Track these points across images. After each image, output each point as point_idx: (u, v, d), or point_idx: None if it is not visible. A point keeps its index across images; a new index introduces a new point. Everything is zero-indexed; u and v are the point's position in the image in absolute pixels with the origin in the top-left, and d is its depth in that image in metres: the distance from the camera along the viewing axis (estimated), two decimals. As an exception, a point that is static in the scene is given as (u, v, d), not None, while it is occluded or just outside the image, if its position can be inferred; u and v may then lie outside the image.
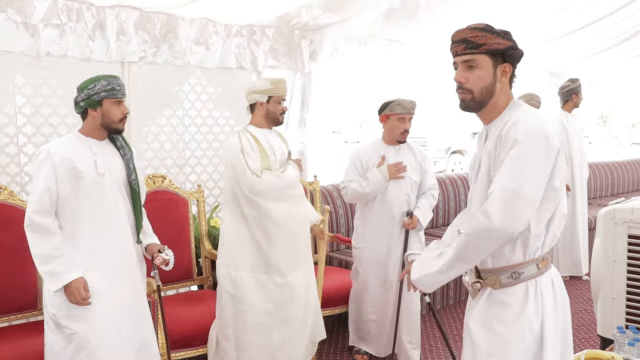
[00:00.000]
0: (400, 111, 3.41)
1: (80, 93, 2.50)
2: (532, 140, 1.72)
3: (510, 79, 1.88)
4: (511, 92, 1.91)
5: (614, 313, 3.17)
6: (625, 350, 2.52)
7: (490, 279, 1.88)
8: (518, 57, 1.86)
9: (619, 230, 3.12)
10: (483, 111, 1.89)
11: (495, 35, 1.82)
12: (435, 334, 4.13)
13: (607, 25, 5.20)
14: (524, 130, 1.72)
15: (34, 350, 2.73)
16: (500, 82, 1.85)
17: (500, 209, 1.69)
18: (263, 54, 4.31)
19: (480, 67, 1.83)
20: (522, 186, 1.69)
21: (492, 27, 1.85)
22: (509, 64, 1.85)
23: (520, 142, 1.71)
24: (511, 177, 1.70)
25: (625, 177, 7.94)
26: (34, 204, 2.40)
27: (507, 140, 1.74)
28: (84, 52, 3.44)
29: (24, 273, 3.11)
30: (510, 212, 1.69)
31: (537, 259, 1.84)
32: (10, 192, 3.14)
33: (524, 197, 1.69)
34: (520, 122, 1.74)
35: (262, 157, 2.95)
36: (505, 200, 1.70)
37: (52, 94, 3.44)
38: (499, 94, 1.86)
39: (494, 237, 1.74)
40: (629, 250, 3.11)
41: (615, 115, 15.44)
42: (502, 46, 1.82)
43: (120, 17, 3.52)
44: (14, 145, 3.36)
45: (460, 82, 1.86)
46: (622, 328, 2.61)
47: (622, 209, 3.13)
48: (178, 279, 3.63)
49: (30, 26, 3.22)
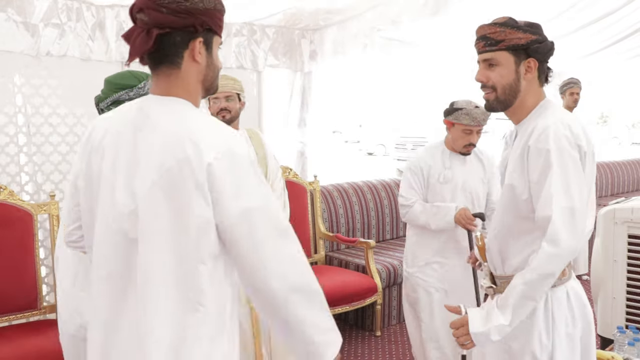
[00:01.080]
0: (467, 122, 2.84)
1: (126, 92, 2.36)
2: (565, 150, 1.64)
3: (540, 76, 1.78)
4: (542, 90, 1.81)
5: (614, 313, 3.17)
6: (625, 350, 2.52)
7: (504, 286, 1.78)
8: (545, 51, 1.74)
9: (619, 230, 3.13)
10: (509, 111, 1.81)
11: (516, 30, 1.73)
12: None
13: (606, 24, 5.20)
14: (555, 140, 1.64)
15: (34, 350, 2.73)
16: (526, 79, 1.75)
17: (564, 231, 1.60)
18: (263, 53, 4.31)
19: (501, 64, 1.74)
20: (573, 201, 1.62)
21: (514, 21, 1.75)
22: (534, 59, 1.73)
23: (554, 155, 1.64)
24: (562, 195, 1.62)
25: (625, 177, 7.94)
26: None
27: (538, 152, 1.67)
28: (83, 52, 3.44)
29: (24, 273, 3.11)
30: (572, 230, 1.61)
31: None
32: (10, 192, 3.14)
33: (577, 211, 1.62)
34: (550, 131, 1.66)
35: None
36: (566, 220, 1.61)
37: (52, 93, 3.44)
38: (525, 92, 1.77)
39: (564, 260, 1.64)
40: (629, 250, 3.11)
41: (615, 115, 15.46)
42: (524, 41, 1.71)
43: (120, 17, 3.52)
44: (14, 145, 3.36)
45: (481, 81, 1.79)
46: (622, 328, 2.61)
47: (622, 209, 3.14)
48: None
49: (30, 26, 3.22)
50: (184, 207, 1.28)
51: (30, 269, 3.14)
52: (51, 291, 3.34)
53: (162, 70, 1.36)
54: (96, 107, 2.50)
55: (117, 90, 2.37)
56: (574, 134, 1.66)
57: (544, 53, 1.74)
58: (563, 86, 5.35)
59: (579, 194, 1.64)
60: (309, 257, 4.29)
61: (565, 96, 5.31)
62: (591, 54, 5.96)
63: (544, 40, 1.74)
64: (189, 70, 1.36)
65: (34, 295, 3.14)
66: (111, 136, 1.40)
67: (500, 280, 1.83)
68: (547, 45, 1.74)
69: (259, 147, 2.95)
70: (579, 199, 1.63)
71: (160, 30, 1.30)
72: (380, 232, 4.98)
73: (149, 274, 1.29)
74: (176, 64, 1.35)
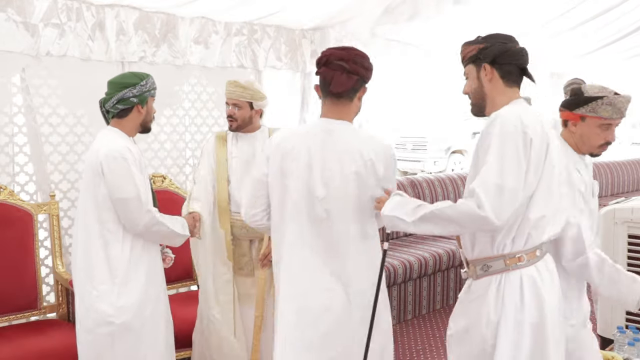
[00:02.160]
0: (609, 115, 2.21)
1: (130, 89, 2.43)
2: (508, 134, 1.79)
3: (505, 77, 1.94)
4: (513, 89, 1.95)
5: (614, 313, 3.17)
6: (625, 350, 2.52)
7: (471, 269, 1.97)
8: (495, 54, 1.92)
9: (619, 230, 3.13)
10: (487, 112, 1.98)
11: (470, 45, 1.99)
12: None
13: (605, 22, 5.20)
14: (501, 125, 1.81)
15: (34, 350, 2.74)
16: (489, 82, 1.95)
17: (488, 203, 1.74)
18: (264, 53, 4.31)
19: (469, 75, 2.01)
20: (504, 180, 1.75)
21: (473, 39, 2.00)
22: (488, 64, 1.93)
23: (497, 138, 1.79)
24: (495, 172, 1.76)
25: (626, 177, 7.94)
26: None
27: (486, 135, 1.84)
28: (83, 52, 3.44)
29: (24, 273, 3.11)
30: (496, 205, 1.74)
31: (506, 255, 1.87)
32: (10, 191, 3.15)
33: (507, 190, 1.75)
34: (498, 118, 1.83)
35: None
36: (491, 195, 1.74)
37: (52, 93, 3.43)
38: (492, 93, 1.95)
39: (476, 223, 1.79)
40: (629, 250, 3.12)
41: (615, 115, 15.49)
42: (475, 51, 1.96)
43: (120, 17, 3.52)
44: (14, 145, 3.36)
45: (464, 93, 2.07)
46: (622, 328, 2.62)
47: (622, 209, 3.14)
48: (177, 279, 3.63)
49: (30, 26, 3.22)
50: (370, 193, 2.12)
51: (30, 269, 3.14)
52: (51, 291, 3.34)
53: (341, 102, 2.12)
54: (101, 109, 2.53)
55: (122, 89, 2.44)
56: (523, 123, 1.80)
57: (494, 56, 1.92)
58: (567, 86, 5.31)
59: (514, 176, 1.76)
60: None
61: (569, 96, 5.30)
62: (591, 53, 5.97)
63: (492, 45, 1.93)
64: (357, 105, 2.18)
65: (34, 295, 3.14)
66: (300, 146, 2.10)
67: (471, 264, 1.97)
68: (494, 48, 1.92)
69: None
70: (513, 180, 1.75)
71: (356, 77, 2.09)
72: (380, 232, 4.97)
73: (341, 241, 2.10)
74: (350, 99, 2.13)
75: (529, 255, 1.88)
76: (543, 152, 1.84)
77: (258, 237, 2.98)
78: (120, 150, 2.37)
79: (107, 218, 2.39)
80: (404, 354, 3.84)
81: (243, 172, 2.92)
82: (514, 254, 1.87)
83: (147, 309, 2.46)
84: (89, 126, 3.51)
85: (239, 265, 3.00)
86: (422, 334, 4.15)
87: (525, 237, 1.87)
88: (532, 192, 1.83)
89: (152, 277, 2.51)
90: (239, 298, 2.99)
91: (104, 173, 2.36)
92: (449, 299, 4.76)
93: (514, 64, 1.94)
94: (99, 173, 2.37)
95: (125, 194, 2.35)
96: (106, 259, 2.38)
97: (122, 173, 2.36)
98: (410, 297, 4.43)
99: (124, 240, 2.41)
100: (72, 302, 3.11)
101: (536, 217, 1.85)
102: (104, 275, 2.38)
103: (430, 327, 4.29)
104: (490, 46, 1.93)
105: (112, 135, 2.46)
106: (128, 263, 2.41)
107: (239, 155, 2.98)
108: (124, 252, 2.40)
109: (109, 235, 2.39)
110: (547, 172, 1.85)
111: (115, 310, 2.38)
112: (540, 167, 1.83)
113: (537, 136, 1.81)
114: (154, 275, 2.52)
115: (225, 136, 3.04)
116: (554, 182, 1.88)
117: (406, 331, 4.22)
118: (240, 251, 3.01)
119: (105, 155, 2.36)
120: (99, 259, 2.39)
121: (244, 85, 2.93)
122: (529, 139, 1.79)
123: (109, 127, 2.52)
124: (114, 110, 2.46)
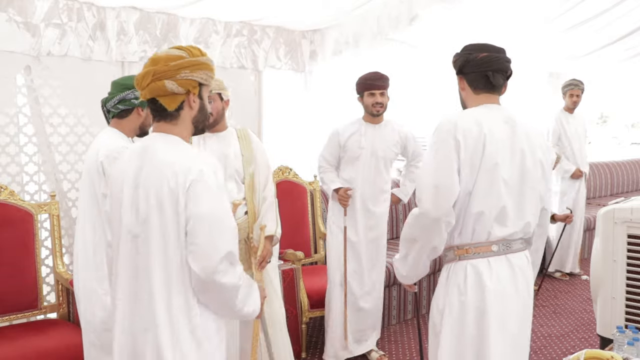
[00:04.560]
0: None
1: (132, 91, 2.45)
2: (440, 135, 1.99)
3: (472, 84, 2.10)
4: (481, 95, 2.10)
5: (614, 313, 3.17)
6: (624, 349, 2.52)
7: (445, 253, 2.13)
8: (460, 65, 2.10)
9: (619, 230, 3.13)
10: None
11: (453, 60, 2.16)
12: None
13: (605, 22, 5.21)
14: (436, 130, 2.02)
15: (35, 350, 2.74)
16: (462, 91, 2.16)
17: (424, 198, 1.97)
18: (264, 53, 4.31)
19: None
20: (436, 178, 1.96)
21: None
22: (460, 76, 2.14)
23: (432, 137, 2.02)
24: (428, 170, 2.00)
25: (625, 177, 7.95)
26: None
27: (430, 138, 2.08)
28: (84, 52, 3.44)
29: (24, 273, 3.12)
30: (430, 200, 1.95)
31: (454, 246, 2.06)
32: (10, 192, 3.15)
33: (438, 187, 1.95)
34: (438, 124, 2.03)
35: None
36: (426, 190, 1.97)
37: (53, 93, 3.44)
38: (467, 101, 2.15)
39: (421, 220, 2.00)
40: (628, 250, 3.12)
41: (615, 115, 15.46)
42: (454, 64, 2.15)
43: (120, 17, 3.53)
44: (15, 145, 3.36)
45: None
46: (622, 328, 2.61)
47: (622, 209, 3.14)
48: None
49: (31, 26, 3.23)
50: None
51: (31, 268, 3.15)
52: (52, 291, 3.34)
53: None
54: (102, 108, 2.55)
55: (123, 90, 2.48)
56: (456, 127, 1.97)
57: (460, 67, 2.11)
58: (564, 87, 5.37)
59: (442, 175, 1.96)
60: (309, 257, 4.30)
61: (565, 97, 5.33)
62: (590, 53, 5.97)
63: (459, 57, 2.12)
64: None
65: (35, 295, 3.15)
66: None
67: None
68: (460, 60, 2.10)
69: (246, 148, 2.93)
70: (442, 179, 1.96)
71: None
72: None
73: None
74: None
75: (478, 248, 2.02)
76: (478, 153, 1.96)
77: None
78: (120, 150, 2.38)
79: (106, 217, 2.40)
80: (404, 354, 3.84)
81: None
82: (463, 246, 2.04)
83: None
84: (90, 126, 3.52)
85: None
86: (422, 334, 4.15)
87: (470, 231, 2.03)
88: (470, 189, 1.98)
89: None
90: None
91: (106, 173, 2.36)
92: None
93: (477, 72, 2.06)
94: (100, 172, 2.37)
95: None
96: (107, 257, 2.39)
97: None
98: (410, 297, 4.44)
99: None
100: (72, 302, 3.12)
101: (476, 211, 1.99)
102: (105, 273, 2.39)
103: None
104: (458, 58, 2.11)
105: (112, 136, 2.47)
106: None
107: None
108: None
109: (109, 233, 2.40)
110: (484, 170, 1.97)
111: None
112: (476, 166, 1.96)
113: (471, 138, 1.96)
114: None
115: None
116: (496, 180, 1.98)
117: (406, 331, 4.23)
118: None
119: (106, 155, 2.37)
120: (100, 258, 2.39)
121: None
122: (457, 142, 1.95)
123: (108, 127, 2.54)
124: (115, 110, 2.49)
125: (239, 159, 2.89)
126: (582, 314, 4.57)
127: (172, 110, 1.73)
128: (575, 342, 4.02)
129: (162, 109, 1.73)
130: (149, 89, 1.69)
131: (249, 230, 2.89)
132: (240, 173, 2.89)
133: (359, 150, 3.53)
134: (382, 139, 3.56)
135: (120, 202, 1.74)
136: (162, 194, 1.65)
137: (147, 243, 1.67)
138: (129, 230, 1.71)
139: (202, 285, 1.66)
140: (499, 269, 2.02)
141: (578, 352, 2.47)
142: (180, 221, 1.64)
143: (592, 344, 3.91)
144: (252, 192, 2.90)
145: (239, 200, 2.85)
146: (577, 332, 4.19)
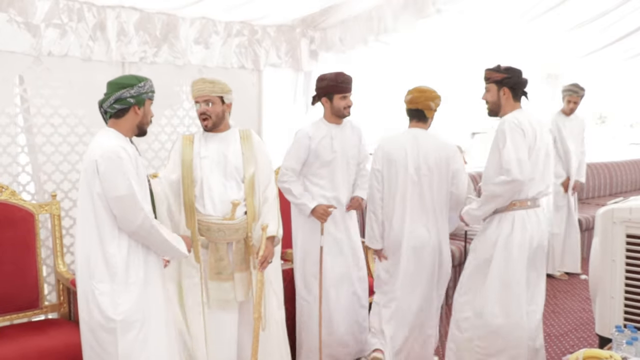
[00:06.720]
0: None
1: (127, 89, 2.45)
2: (510, 126, 3.00)
3: (514, 95, 3.12)
4: (517, 102, 3.15)
5: (612, 312, 3.18)
6: (623, 349, 2.53)
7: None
8: (513, 83, 3.09)
9: (617, 229, 3.14)
10: (499, 115, 3.17)
11: (496, 72, 3.13)
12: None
13: (606, 23, 5.22)
14: (507, 124, 3.02)
15: (36, 349, 2.75)
16: (504, 98, 3.13)
17: (512, 169, 2.93)
18: (264, 53, 4.32)
19: (489, 91, 3.17)
20: (517, 154, 2.97)
21: (498, 67, 3.14)
22: (507, 88, 3.10)
23: (508, 131, 3.00)
24: (511, 150, 2.96)
25: (624, 177, 7.96)
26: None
27: (500, 132, 3.05)
28: (84, 52, 3.45)
29: (25, 272, 3.12)
30: (517, 169, 2.93)
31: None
32: (11, 191, 3.16)
33: (520, 160, 2.97)
34: (504, 120, 3.05)
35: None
36: (513, 163, 2.95)
37: (54, 94, 3.44)
38: (505, 106, 3.14)
39: (509, 185, 2.96)
40: (627, 249, 3.13)
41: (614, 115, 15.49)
42: (499, 77, 3.11)
43: (121, 18, 3.53)
44: (16, 145, 3.37)
45: (484, 99, 3.22)
46: (620, 327, 2.63)
47: (621, 209, 3.15)
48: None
49: (31, 26, 3.23)
50: None
51: (32, 268, 3.15)
52: (53, 290, 3.35)
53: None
54: (100, 109, 2.55)
55: (119, 89, 2.47)
56: (519, 122, 3.00)
57: (513, 84, 3.11)
58: (564, 91, 5.42)
59: (522, 151, 2.97)
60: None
61: (564, 101, 5.40)
62: (590, 54, 5.98)
63: (512, 77, 3.10)
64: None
65: (36, 294, 3.15)
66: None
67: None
68: (513, 80, 3.10)
69: (247, 148, 2.95)
70: (523, 154, 2.97)
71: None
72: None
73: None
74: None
75: (521, 203, 3.07)
76: (532, 140, 3.02)
77: (235, 239, 2.90)
78: (116, 149, 2.39)
79: (103, 217, 2.40)
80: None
81: (213, 172, 2.87)
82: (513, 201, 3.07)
83: (147, 306, 2.47)
84: (90, 126, 3.52)
85: (216, 270, 2.88)
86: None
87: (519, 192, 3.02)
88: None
89: (152, 275, 2.52)
90: (214, 303, 2.89)
91: (99, 172, 2.37)
92: (448, 298, 4.77)
93: (521, 89, 3.13)
94: (95, 172, 2.38)
95: (119, 192, 2.36)
96: (104, 258, 2.40)
97: (117, 172, 2.37)
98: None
99: (120, 238, 2.42)
100: (73, 302, 3.13)
101: (529, 178, 2.99)
102: (103, 274, 2.40)
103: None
104: (512, 77, 3.09)
105: (109, 135, 2.48)
106: (126, 261, 2.42)
107: (208, 155, 2.90)
108: (121, 251, 2.42)
109: (105, 234, 2.41)
110: (535, 152, 3.03)
111: (116, 308, 2.40)
112: (533, 149, 3.02)
113: (529, 130, 3.01)
114: (153, 273, 2.54)
115: (193, 138, 2.97)
116: (540, 158, 3.06)
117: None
118: (217, 255, 2.88)
119: (101, 155, 2.38)
120: (98, 258, 2.40)
121: (212, 80, 2.88)
122: (522, 132, 2.99)
123: (106, 127, 2.54)
124: (111, 110, 2.48)
125: (239, 159, 2.91)
126: (581, 313, 4.58)
127: None
128: (574, 342, 4.04)
129: None
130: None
131: (248, 230, 2.90)
132: (240, 172, 2.90)
133: (332, 154, 3.43)
134: (348, 140, 3.53)
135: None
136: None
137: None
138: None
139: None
140: (532, 217, 3.08)
141: (577, 351, 2.48)
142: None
143: (590, 343, 3.92)
144: (252, 192, 2.91)
145: (238, 200, 2.86)
146: (575, 332, 4.20)
